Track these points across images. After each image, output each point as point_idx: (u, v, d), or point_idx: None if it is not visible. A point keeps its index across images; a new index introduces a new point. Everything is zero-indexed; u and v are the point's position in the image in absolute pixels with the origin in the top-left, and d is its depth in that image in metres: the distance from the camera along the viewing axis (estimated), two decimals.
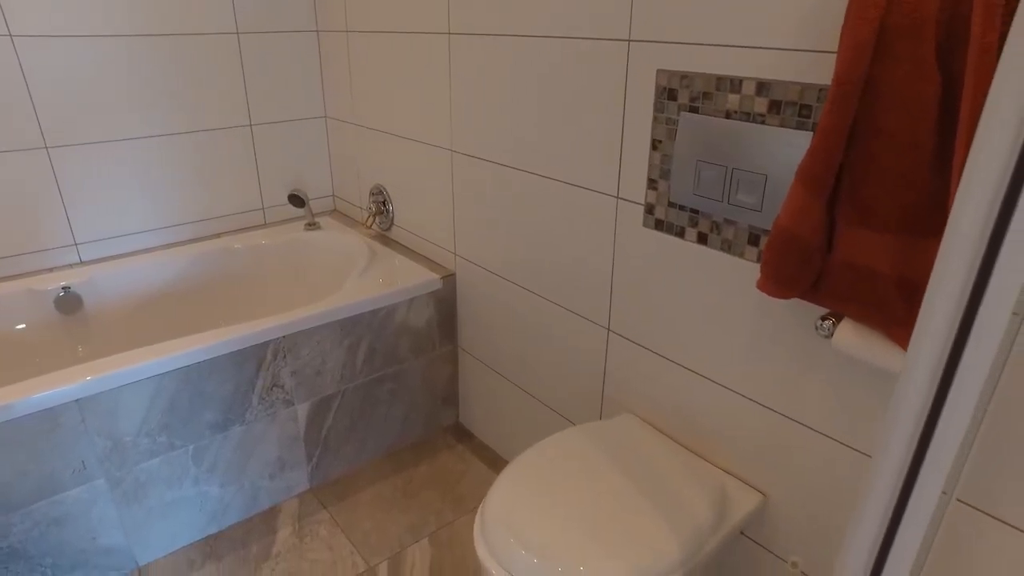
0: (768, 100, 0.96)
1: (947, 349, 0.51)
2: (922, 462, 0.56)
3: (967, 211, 0.46)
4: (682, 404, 1.24)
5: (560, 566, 0.96)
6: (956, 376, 0.52)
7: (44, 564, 1.35)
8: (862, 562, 0.63)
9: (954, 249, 0.48)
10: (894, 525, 0.61)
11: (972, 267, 0.48)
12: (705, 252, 1.11)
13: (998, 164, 0.44)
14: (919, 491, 0.57)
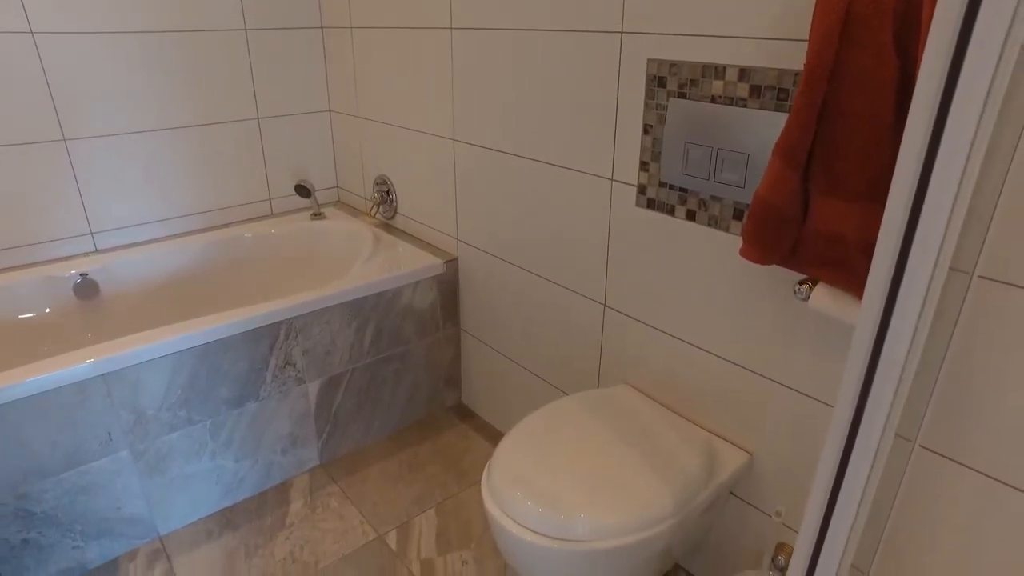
0: (749, 85, 1.05)
1: (883, 299, 0.59)
2: (866, 402, 0.65)
3: (900, 180, 0.55)
4: (673, 372, 1.33)
5: (563, 514, 1.04)
6: (891, 323, 0.60)
7: (74, 531, 1.43)
8: (821, 501, 0.72)
9: (889, 212, 0.56)
10: (844, 463, 0.70)
11: (901, 228, 0.57)
12: (693, 228, 1.20)
13: (919, 139, 0.53)
14: (865, 429, 0.66)
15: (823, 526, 0.76)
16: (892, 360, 0.61)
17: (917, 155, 0.54)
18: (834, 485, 0.73)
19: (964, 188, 0.68)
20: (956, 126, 0.50)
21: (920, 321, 0.73)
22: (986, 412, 0.90)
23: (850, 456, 0.70)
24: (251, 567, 1.50)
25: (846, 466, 0.72)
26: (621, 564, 1.06)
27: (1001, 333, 0.86)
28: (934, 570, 1.03)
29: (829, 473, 0.72)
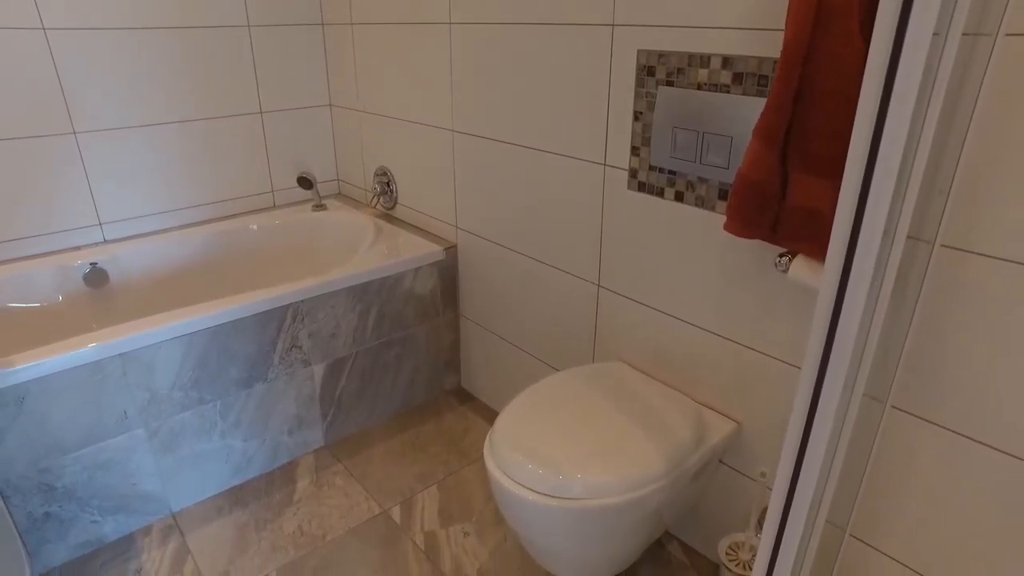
0: (732, 73, 1.12)
1: (840, 266, 0.67)
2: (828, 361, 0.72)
3: (853, 155, 0.62)
4: (664, 347, 1.40)
5: (561, 475, 1.11)
6: (848, 287, 0.67)
7: (92, 506, 1.49)
8: (791, 456, 0.79)
9: (845, 186, 0.64)
10: (810, 420, 0.77)
11: (854, 201, 0.64)
12: (682, 208, 1.27)
13: (867, 119, 0.60)
14: (828, 386, 0.73)
15: (793, 479, 0.83)
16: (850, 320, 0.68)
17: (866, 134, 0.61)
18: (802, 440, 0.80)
19: (915, 165, 0.76)
20: (897, 110, 0.57)
21: (880, 286, 0.80)
22: (953, 373, 0.98)
23: (815, 413, 0.77)
24: (261, 540, 1.56)
25: (812, 422, 0.79)
26: (615, 522, 1.14)
27: (963, 298, 0.93)
28: (909, 523, 1.11)
29: (797, 430, 0.79)
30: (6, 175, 1.77)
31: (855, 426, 1.09)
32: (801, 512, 0.81)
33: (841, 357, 0.71)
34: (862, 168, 0.61)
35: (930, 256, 0.94)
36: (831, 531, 1.21)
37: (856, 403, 0.93)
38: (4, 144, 1.74)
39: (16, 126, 1.74)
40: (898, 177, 0.76)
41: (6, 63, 1.69)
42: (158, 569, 1.49)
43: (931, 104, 0.73)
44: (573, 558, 1.22)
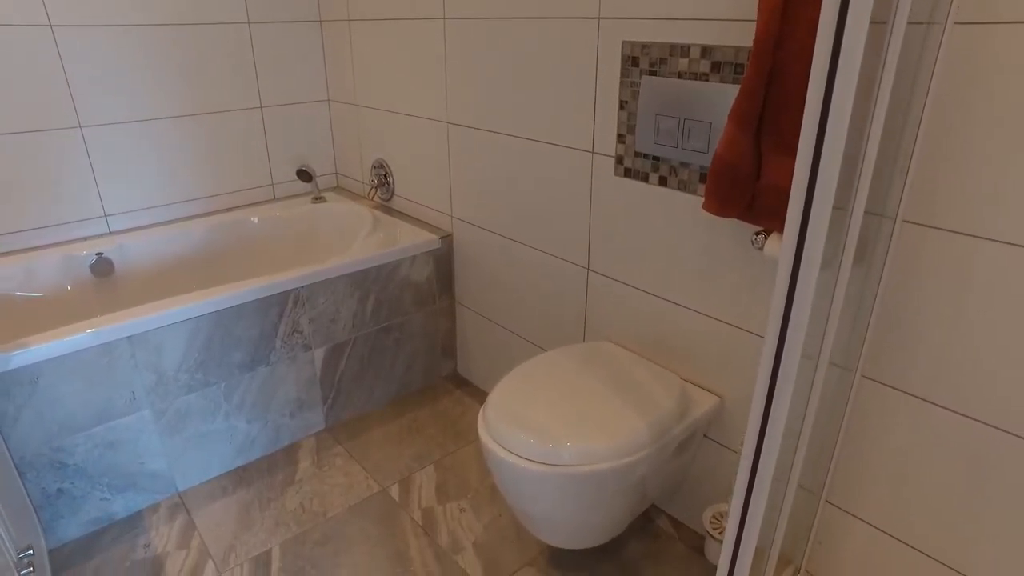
0: (711, 62, 1.18)
1: (796, 238, 0.73)
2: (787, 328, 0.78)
3: (805, 135, 0.68)
4: (650, 326, 1.47)
5: (551, 443, 1.18)
6: (802, 258, 0.74)
7: (102, 483, 1.55)
8: (757, 418, 0.85)
9: (799, 164, 0.70)
10: (772, 385, 0.83)
11: (805, 177, 0.70)
12: (665, 192, 1.33)
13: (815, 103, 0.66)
14: (788, 352, 0.79)
15: (759, 441, 0.88)
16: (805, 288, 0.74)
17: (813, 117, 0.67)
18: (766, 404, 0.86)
19: (869, 145, 0.83)
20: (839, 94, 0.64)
21: (840, 258, 0.87)
22: (918, 342, 1.04)
23: (776, 378, 0.83)
24: (265, 517, 1.62)
25: (774, 387, 0.84)
26: (602, 488, 1.20)
27: (925, 271, 1.00)
28: (882, 489, 1.17)
29: (761, 395, 0.85)
30: (15, 168, 1.82)
31: (831, 396, 1.16)
32: (767, 472, 0.87)
33: (798, 325, 0.77)
34: (811, 148, 0.67)
35: (893, 231, 1.00)
36: (808, 498, 1.27)
37: (822, 371, 1.00)
38: (12, 138, 1.79)
39: (24, 120, 1.80)
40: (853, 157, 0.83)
41: (14, 59, 1.74)
42: (166, 544, 1.55)
43: (881, 88, 0.80)
44: (563, 525, 1.28)
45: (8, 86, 1.75)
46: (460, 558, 1.49)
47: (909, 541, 1.16)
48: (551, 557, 1.49)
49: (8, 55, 1.73)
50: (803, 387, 0.99)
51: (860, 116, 0.82)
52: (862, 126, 0.83)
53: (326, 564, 1.48)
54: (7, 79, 1.75)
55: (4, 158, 1.80)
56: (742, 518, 0.91)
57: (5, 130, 1.78)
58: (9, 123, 1.78)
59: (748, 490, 0.88)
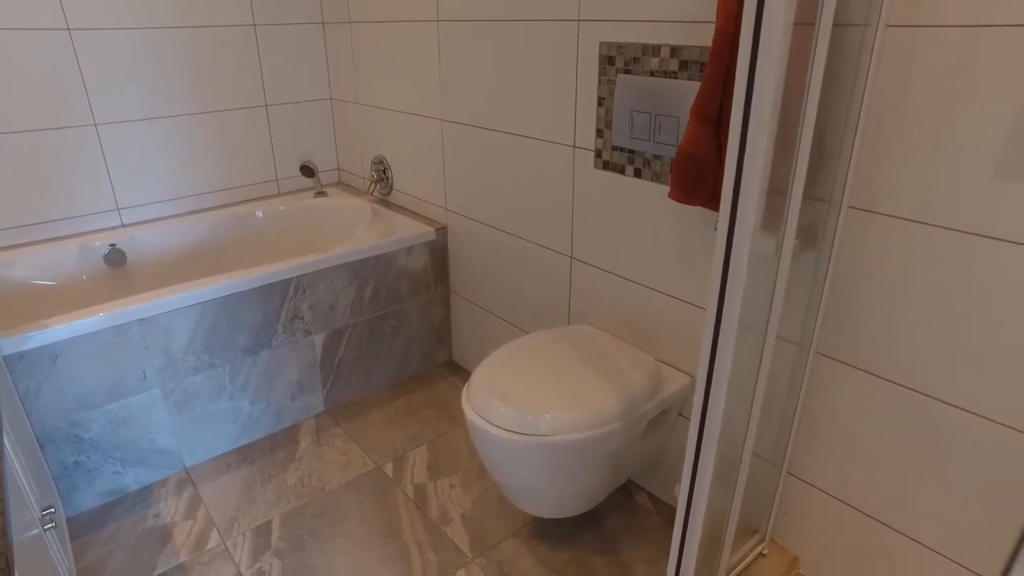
0: (679, 60, 1.27)
1: (729, 218, 0.82)
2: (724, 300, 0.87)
3: (733, 128, 0.77)
4: (627, 310, 1.56)
5: (530, 414, 1.27)
6: (734, 235, 0.82)
7: (114, 457, 1.65)
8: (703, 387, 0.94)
9: (729, 153, 0.79)
10: (714, 352, 0.92)
11: (735, 161, 0.79)
12: (640, 184, 1.42)
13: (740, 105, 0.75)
14: (725, 323, 0.88)
15: (703, 409, 0.97)
16: (739, 263, 0.83)
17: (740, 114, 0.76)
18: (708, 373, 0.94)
19: (803, 137, 0.91)
20: (761, 89, 0.72)
21: (781, 241, 0.95)
22: (865, 320, 1.13)
23: (716, 350, 0.92)
24: (266, 491, 1.72)
25: (714, 358, 0.93)
26: (576, 457, 1.29)
27: (870, 253, 1.08)
28: (839, 460, 1.25)
29: (705, 365, 0.94)
30: (33, 164, 1.93)
31: (788, 372, 1.24)
32: (712, 438, 0.96)
33: (733, 301, 0.86)
34: (739, 139, 0.76)
35: (839, 216, 1.09)
36: (771, 469, 1.36)
37: (771, 343, 1.08)
38: (31, 135, 1.90)
39: (43, 119, 1.91)
40: (790, 145, 0.91)
41: (34, 61, 1.85)
42: (174, 514, 1.65)
43: (811, 85, 0.88)
44: (541, 494, 1.37)
45: (28, 87, 1.86)
46: (448, 529, 1.59)
47: (864, 509, 1.24)
48: (534, 529, 1.58)
49: (29, 57, 1.84)
50: (751, 358, 1.08)
51: (793, 108, 0.91)
52: (795, 117, 0.91)
53: (323, 534, 1.58)
54: (28, 80, 1.86)
55: (23, 154, 1.91)
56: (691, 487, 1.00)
57: (24, 128, 1.89)
58: (28, 121, 1.89)
59: (697, 450, 0.97)
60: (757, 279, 1.01)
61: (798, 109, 0.91)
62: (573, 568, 1.48)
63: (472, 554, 1.52)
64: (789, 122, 0.91)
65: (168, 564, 1.51)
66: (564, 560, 1.50)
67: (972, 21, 0.89)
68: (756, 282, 1.01)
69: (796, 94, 0.90)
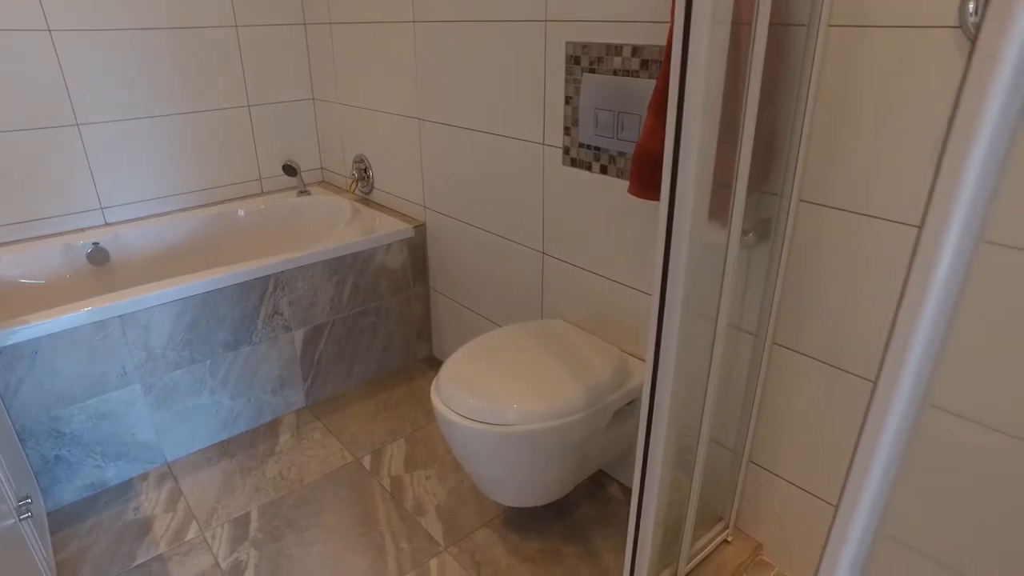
0: (640, 60, 1.30)
1: (668, 205, 0.85)
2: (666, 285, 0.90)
3: (669, 123, 0.81)
4: (595, 303, 1.59)
5: (497, 405, 1.30)
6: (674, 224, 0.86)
7: (95, 452, 1.68)
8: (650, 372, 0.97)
9: (666, 148, 0.82)
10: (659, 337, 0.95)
11: (672, 155, 0.82)
12: (606, 180, 1.46)
13: (675, 99, 0.78)
14: (669, 307, 0.91)
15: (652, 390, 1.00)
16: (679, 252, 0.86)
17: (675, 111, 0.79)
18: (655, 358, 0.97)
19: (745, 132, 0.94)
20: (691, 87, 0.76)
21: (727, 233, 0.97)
22: (819, 311, 1.16)
23: (662, 330, 0.95)
24: (245, 484, 1.75)
25: (660, 338, 0.96)
26: (542, 447, 1.32)
27: (822, 244, 1.12)
28: (797, 448, 1.29)
29: (651, 350, 0.97)
30: (16, 163, 1.96)
31: (747, 362, 1.28)
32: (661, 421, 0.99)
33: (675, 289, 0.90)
34: (674, 132, 0.80)
35: (790, 210, 1.12)
36: (732, 458, 1.39)
37: (722, 334, 1.12)
38: (14, 135, 1.93)
39: (25, 119, 1.94)
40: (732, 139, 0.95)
41: (15, 62, 1.88)
42: (154, 507, 1.68)
43: (751, 82, 0.92)
44: (510, 483, 1.41)
45: (11, 87, 1.89)
46: (423, 519, 1.62)
47: (823, 496, 1.28)
48: (506, 519, 1.62)
49: (9, 59, 1.87)
50: (703, 346, 1.11)
51: (734, 105, 0.94)
52: (737, 114, 0.95)
53: (300, 524, 1.61)
54: (9, 80, 1.88)
55: (6, 154, 1.94)
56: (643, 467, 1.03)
57: (5, 128, 1.91)
58: (11, 121, 1.92)
59: (647, 436, 1.00)
60: (704, 269, 1.04)
61: (740, 106, 0.94)
62: (543, 556, 1.51)
63: (445, 543, 1.55)
64: (733, 118, 0.95)
65: (147, 555, 1.53)
66: (535, 549, 1.53)
67: (904, 22, 0.92)
68: (704, 272, 1.05)
69: (738, 91, 0.94)
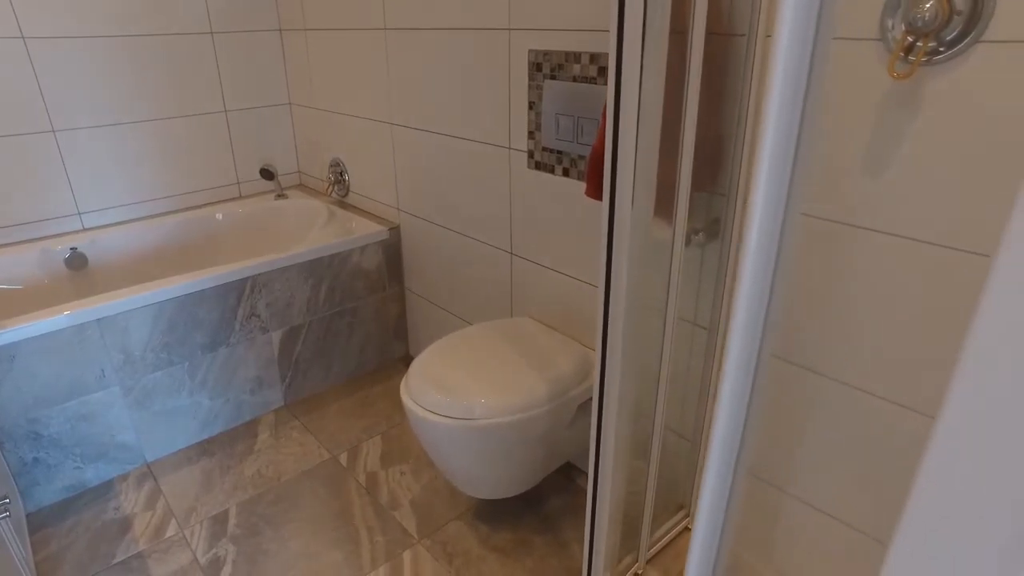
0: (598, 67, 1.36)
1: (609, 201, 0.91)
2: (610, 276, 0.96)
3: (608, 130, 0.86)
4: (560, 301, 1.64)
5: (464, 400, 1.35)
6: (615, 217, 0.92)
7: (75, 453, 1.71)
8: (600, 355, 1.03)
9: (608, 150, 0.87)
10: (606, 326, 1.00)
11: (612, 158, 0.88)
12: (568, 182, 1.51)
13: (612, 106, 0.84)
14: (613, 296, 0.97)
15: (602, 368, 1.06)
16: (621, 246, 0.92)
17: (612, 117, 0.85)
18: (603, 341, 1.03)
19: (686, 136, 1.00)
20: (626, 91, 0.82)
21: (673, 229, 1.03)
22: None
23: (608, 321, 1.01)
24: (224, 482, 1.79)
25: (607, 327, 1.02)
26: (508, 440, 1.37)
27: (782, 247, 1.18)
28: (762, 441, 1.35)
29: (600, 335, 1.03)
30: None
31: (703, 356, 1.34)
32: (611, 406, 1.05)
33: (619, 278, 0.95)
34: (612, 136, 0.85)
35: (735, 210, 1.18)
36: (691, 449, 1.45)
37: (672, 327, 1.18)
38: None
39: (0, 125, 1.96)
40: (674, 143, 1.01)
41: None
42: (133, 506, 1.71)
43: (690, 89, 0.97)
44: (480, 476, 1.46)
45: None
46: (397, 513, 1.67)
47: (774, 482, 1.34)
48: (478, 512, 1.67)
49: None
50: (655, 337, 1.17)
51: (675, 108, 1.00)
52: (677, 117, 1.01)
53: (277, 520, 1.65)
54: None
55: None
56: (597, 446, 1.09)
57: None
58: None
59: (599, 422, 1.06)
60: (652, 265, 1.10)
61: (680, 111, 1.00)
62: (513, 547, 1.56)
63: (418, 536, 1.60)
64: (675, 123, 1.00)
65: (127, 553, 1.57)
66: (505, 539, 1.58)
67: (834, 34, 0.98)
68: (652, 267, 1.11)
69: (679, 97, 0.99)
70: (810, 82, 0.48)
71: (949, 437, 0.32)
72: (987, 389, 0.30)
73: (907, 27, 0.89)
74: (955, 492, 0.32)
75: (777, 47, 0.44)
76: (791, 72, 0.46)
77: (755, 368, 0.56)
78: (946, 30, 0.87)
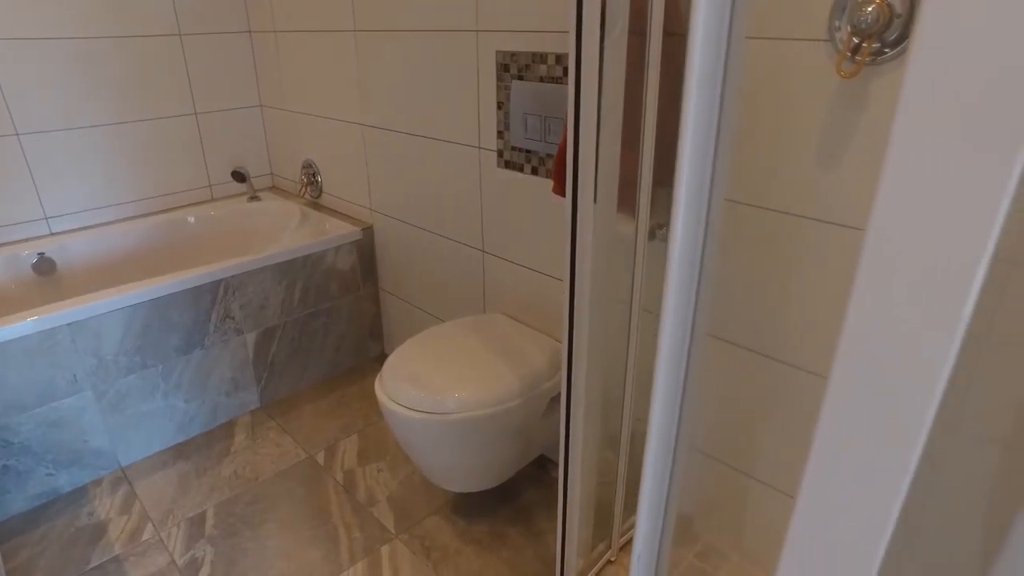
0: (563, 67, 1.39)
1: (572, 196, 0.94)
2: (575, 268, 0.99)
3: (569, 132, 0.89)
4: (531, 297, 1.68)
5: (437, 395, 1.38)
6: (578, 212, 0.95)
7: (46, 460, 1.70)
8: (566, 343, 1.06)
9: (569, 149, 0.91)
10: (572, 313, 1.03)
11: (574, 151, 0.91)
12: (536, 180, 1.54)
13: (572, 108, 0.87)
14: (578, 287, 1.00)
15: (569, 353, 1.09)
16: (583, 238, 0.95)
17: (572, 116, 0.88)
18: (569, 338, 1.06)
19: (646, 130, 1.04)
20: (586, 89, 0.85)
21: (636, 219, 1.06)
22: (733, 300, 1.27)
23: (574, 314, 1.04)
24: (201, 484, 1.79)
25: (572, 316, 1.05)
26: (482, 433, 1.40)
27: (736, 239, 1.22)
28: (716, 422, 1.40)
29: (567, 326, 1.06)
30: None
31: None
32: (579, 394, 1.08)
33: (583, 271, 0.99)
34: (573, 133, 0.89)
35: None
36: None
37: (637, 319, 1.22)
38: None
39: None
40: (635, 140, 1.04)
41: None
42: (108, 511, 1.71)
43: (649, 88, 1.01)
44: (455, 469, 1.48)
45: None
46: (375, 510, 1.69)
47: (740, 467, 1.39)
48: (455, 506, 1.69)
49: None
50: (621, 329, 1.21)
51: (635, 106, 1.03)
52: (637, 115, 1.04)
53: (255, 520, 1.66)
54: None
55: None
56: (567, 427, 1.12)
57: None
58: None
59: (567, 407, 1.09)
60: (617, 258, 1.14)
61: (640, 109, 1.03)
62: (489, 539, 1.59)
63: (396, 531, 1.62)
64: (636, 121, 1.04)
65: (102, 557, 1.57)
66: (481, 532, 1.61)
67: (785, 35, 1.03)
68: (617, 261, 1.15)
69: (640, 97, 1.03)
70: (726, 76, 0.52)
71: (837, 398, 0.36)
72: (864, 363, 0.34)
73: (852, 28, 0.94)
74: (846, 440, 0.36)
75: (693, 45, 0.48)
76: (707, 68, 0.50)
77: (689, 344, 0.60)
78: (888, 31, 0.92)
